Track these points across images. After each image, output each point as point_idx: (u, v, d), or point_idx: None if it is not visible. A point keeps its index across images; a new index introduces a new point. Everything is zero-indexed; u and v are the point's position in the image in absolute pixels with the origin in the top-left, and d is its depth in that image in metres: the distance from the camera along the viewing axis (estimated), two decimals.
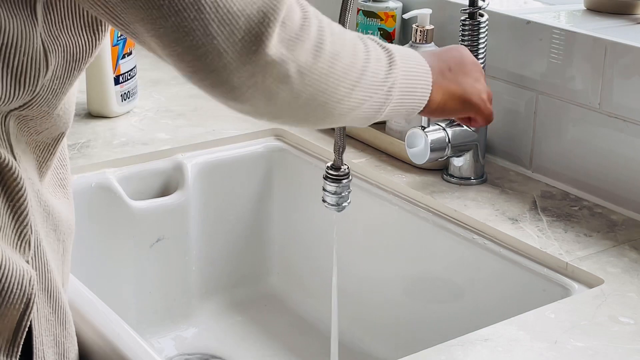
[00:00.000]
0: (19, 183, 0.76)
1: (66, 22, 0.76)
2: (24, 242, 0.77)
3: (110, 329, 0.96)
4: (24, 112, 0.77)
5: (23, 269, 0.75)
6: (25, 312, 0.76)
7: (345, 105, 0.82)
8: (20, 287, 0.75)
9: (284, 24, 0.74)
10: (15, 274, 0.74)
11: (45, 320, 0.80)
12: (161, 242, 1.36)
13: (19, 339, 0.76)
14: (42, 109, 0.78)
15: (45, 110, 0.78)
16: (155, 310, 1.38)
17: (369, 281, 1.34)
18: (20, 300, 0.75)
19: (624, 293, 1.01)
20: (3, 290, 0.74)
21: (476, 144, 1.28)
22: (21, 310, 0.76)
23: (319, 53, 0.77)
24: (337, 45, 0.79)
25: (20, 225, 0.76)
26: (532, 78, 1.30)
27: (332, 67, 0.79)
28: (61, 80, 0.78)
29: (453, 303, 1.22)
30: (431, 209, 1.24)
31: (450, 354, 0.89)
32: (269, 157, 1.47)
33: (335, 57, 0.79)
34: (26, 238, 0.77)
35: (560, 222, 1.17)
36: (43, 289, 0.79)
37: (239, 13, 0.71)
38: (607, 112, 1.21)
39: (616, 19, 1.32)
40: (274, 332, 1.39)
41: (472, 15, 1.25)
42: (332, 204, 1.14)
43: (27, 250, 0.77)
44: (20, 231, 0.76)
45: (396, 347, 1.28)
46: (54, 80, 0.77)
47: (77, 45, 0.78)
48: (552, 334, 0.93)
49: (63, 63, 0.77)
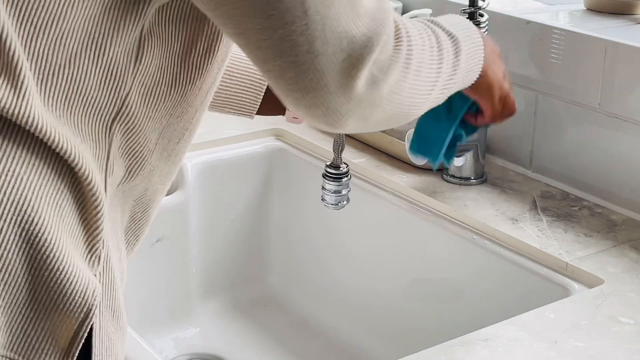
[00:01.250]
0: (97, 198, 0.75)
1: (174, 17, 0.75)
2: (94, 256, 0.76)
3: None
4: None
5: (88, 279, 0.75)
6: (85, 322, 0.75)
7: (424, 108, 0.85)
8: (82, 296, 0.74)
9: (382, 48, 0.74)
10: (79, 281, 0.74)
11: (108, 339, 0.78)
12: (161, 242, 1.37)
13: (75, 349, 0.75)
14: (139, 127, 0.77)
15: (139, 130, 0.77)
16: (155, 310, 1.38)
17: (369, 281, 1.34)
18: (80, 309, 0.74)
19: (624, 293, 1.01)
20: (65, 295, 0.73)
21: (476, 144, 1.28)
22: (80, 320, 0.75)
23: (407, 69, 0.78)
24: (420, 55, 0.81)
25: (92, 238, 0.76)
26: (532, 78, 1.30)
27: (417, 80, 0.81)
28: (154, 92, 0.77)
29: (453, 303, 1.22)
30: (431, 209, 1.24)
31: (450, 354, 0.89)
32: (269, 157, 1.47)
33: (420, 68, 0.81)
34: (97, 252, 0.76)
35: (560, 222, 1.17)
36: (108, 307, 0.78)
37: (344, 34, 0.71)
38: (607, 112, 1.21)
39: (616, 19, 1.32)
40: (274, 332, 1.39)
41: (472, 15, 1.25)
42: (331, 203, 1.14)
43: (96, 264, 0.76)
44: (92, 244, 0.76)
45: (396, 347, 1.28)
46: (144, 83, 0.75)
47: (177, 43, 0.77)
48: (552, 334, 0.93)
49: (159, 61, 0.76)
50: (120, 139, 0.76)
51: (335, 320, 1.38)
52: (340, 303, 1.39)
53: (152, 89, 0.76)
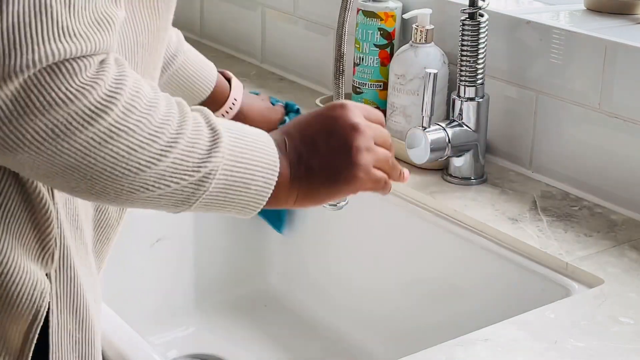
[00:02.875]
0: (41, 196, 0.74)
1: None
2: (47, 255, 0.75)
3: (110, 328, 0.96)
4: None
5: (36, 279, 0.74)
6: (34, 323, 0.75)
7: (123, 186, 0.70)
8: (30, 298, 0.74)
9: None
10: (26, 283, 0.73)
11: (69, 336, 0.78)
12: (161, 242, 1.37)
13: (27, 350, 0.75)
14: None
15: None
16: (155, 310, 1.38)
17: (369, 281, 1.34)
18: (29, 311, 0.74)
19: (624, 293, 1.01)
20: (11, 297, 0.73)
21: (476, 144, 1.28)
22: (29, 321, 0.75)
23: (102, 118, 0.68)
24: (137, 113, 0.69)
25: (44, 237, 0.75)
26: (532, 78, 1.30)
27: (118, 142, 0.68)
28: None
29: (453, 303, 1.22)
30: (431, 209, 1.24)
31: (450, 354, 0.89)
32: None
33: (125, 128, 0.68)
34: (49, 251, 0.75)
35: (560, 222, 1.17)
36: (68, 304, 0.78)
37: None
38: (607, 112, 1.21)
39: (616, 19, 1.32)
40: (274, 332, 1.39)
41: (472, 16, 1.25)
42: (330, 203, 1.14)
43: (49, 263, 0.76)
44: (43, 243, 0.75)
45: (396, 347, 1.27)
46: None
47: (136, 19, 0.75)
48: (552, 334, 0.93)
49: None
50: None
51: (335, 320, 1.38)
52: (340, 303, 1.39)
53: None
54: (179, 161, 0.71)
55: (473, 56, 1.26)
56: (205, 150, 0.72)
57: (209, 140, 0.73)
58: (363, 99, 1.45)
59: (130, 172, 0.69)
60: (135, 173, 0.69)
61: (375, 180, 0.83)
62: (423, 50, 1.35)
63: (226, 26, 1.90)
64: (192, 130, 0.72)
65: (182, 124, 0.71)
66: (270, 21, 1.77)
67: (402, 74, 1.36)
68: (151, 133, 0.69)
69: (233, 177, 0.74)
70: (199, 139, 0.72)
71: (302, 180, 0.79)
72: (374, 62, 1.44)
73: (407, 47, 1.37)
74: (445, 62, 1.36)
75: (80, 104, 0.66)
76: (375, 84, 1.44)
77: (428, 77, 1.22)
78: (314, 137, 0.80)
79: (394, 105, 1.38)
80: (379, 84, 1.44)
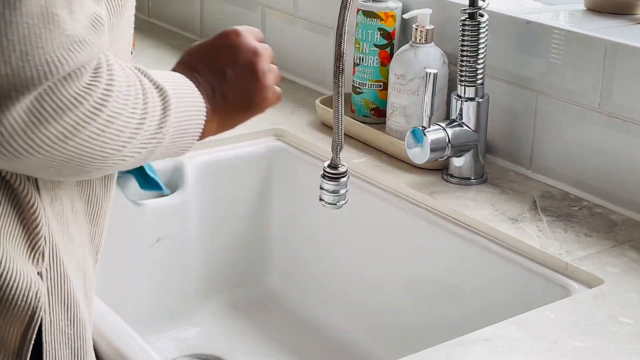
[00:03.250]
0: (27, 193, 0.74)
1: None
2: (37, 253, 0.75)
3: (110, 329, 0.96)
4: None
5: (30, 280, 0.74)
6: (31, 324, 0.75)
7: (110, 164, 0.74)
8: (25, 300, 0.74)
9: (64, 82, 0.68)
10: (20, 284, 0.74)
11: (61, 333, 0.78)
12: (161, 242, 1.36)
13: (25, 351, 0.75)
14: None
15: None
16: (155, 310, 1.38)
17: (369, 281, 1.34)
18: (25, 313, 0.74)
19: (624, 293, 1.01)
20: (7, 300, 0.73)
21: (476, 144, 1.28)
22: (26, 323, 0.75)
23: (98, 113, 0.70)
24: (119, 101, 0.72)
25: (34, 236, 0.75)
26: (532, 78, 1.30)
27: (108, 129, 0.72)
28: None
29: (453, 303, 1.22)
30: (431, 209, 1.24)
31: (450, 354, 0.89)
32: (269, 157, 1.47)
33: (114, 116, 0.72)
34: (39, 249, 0.75)
35: (560, 222, 1.17)
36: (60, 301, 0.78)
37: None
38: (607, 112, 1.21)
39: (616, 19, 1.32)
40: (274, 333, 1.39)
41: (472, 16, 1.25)
42: (330, 203, 1.14)
43: (40, 261, 0.76)
44: (33, 241, 0.75)
45: (396, 347, 1.27)
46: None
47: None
48: (552, 334, 0.93)
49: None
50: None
51: (335, 320, 1.38)
52: (340, 303, 1.39)
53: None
54: (147, 128, 0.75)
55: (473, 56, 1.26)
56: (161, 111, 0.77)
57: (160, 101, 0.77)
58: (363, 99, 1.45)
59: (115, 151, 0.73)
60: (118, 150, 0.73)
61: (278, 97, 0.91)
62: (423, 50, 1.35)
63: (226, 26, 1.89)
64: (151, 96, 0.76)
65: (145, 93, 0.75)
66: (270, 21, 1.77)
67: (402, 74, 1.36)
68: (130, 111, 0.73)
69: (179, 126, 0.80)
70: (155, 102, 0.76)
71: (220, 110, 0.85)
72: (374, 62, 1.44)
73: (407, 47, 1.37)
74: (445, 62, 1.36)
75: (86, 103, 0.68)
76: (375, 84, 1.44)
77: (428, 77, 1.22)
78: (223, 67, 0.86)
79: (394, 105, 1.38)
80: (379, 84, 1.44)
